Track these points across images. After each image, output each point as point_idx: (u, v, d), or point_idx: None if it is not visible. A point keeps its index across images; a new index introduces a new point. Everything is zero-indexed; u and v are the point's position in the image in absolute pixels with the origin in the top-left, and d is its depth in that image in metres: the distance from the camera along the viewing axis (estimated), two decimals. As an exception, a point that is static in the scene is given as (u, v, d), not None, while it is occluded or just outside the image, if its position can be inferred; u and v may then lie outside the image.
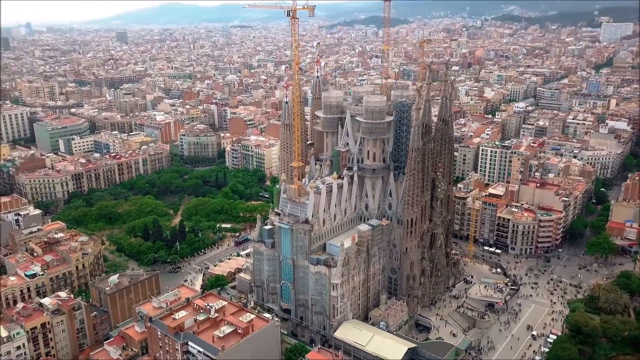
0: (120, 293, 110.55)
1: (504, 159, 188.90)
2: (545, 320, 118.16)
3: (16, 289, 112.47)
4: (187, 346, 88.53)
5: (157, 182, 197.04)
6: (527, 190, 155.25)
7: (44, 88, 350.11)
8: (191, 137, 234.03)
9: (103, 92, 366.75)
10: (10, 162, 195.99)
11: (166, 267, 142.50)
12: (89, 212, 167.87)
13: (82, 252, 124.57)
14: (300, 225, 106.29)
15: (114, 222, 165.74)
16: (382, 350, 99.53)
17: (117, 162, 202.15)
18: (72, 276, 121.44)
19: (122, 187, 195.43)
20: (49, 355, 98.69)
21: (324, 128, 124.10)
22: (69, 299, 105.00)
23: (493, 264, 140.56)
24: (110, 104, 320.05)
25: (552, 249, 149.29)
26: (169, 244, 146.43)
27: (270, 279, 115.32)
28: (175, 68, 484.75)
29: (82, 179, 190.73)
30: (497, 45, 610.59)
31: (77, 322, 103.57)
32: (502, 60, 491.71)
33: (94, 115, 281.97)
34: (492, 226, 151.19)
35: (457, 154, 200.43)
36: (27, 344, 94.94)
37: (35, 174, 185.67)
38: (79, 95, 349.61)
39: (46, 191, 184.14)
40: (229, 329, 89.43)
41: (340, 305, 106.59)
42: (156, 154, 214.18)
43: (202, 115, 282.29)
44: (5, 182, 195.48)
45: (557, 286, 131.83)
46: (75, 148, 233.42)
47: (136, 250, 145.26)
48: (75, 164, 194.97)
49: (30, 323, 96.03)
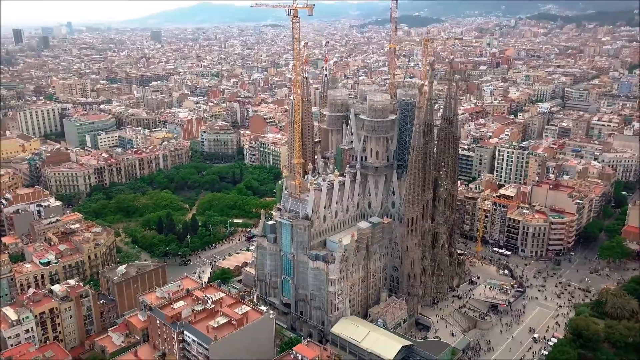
0: (127, 282, 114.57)
1: (521, 160, 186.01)
2: (549, 323, 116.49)
3: (30, 275, 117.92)
4: (182, 335, 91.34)
5: (175, 177, 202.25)
6: (540, 191, 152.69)
7: (76, 85, 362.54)
8: (211, 134, 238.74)
9: (132, 89, 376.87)
10: (37, 156, 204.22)
11: (177, 259, 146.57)
12: (107, 205, 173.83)
13: (94, 242, 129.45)
14: (300, 221, 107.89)
15: (131, 215, 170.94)
16: (376, 347, 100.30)
17: (138, 157, 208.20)
18: (85, 265, 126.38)
19: (142, 181, 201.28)
20: (56, 340, 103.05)
21: (329, 126, 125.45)
22: (77, 286, 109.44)
23: (501, 266, 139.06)
24: (137, 101, 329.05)
25: (564, 252, 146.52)
26: (181, 237, 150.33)
27: (272, 274, 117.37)
28: (204, 66, 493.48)
29: (104, 173, 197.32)
30: (529, 45, 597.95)
31: (85, 309, 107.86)
32: (532, 60, 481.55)
33: (121, 112, 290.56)
34: (502, 227, 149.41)
35: (474, 154, 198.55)
36: (36, 327, 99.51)
37: (59, 167, 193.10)
38: (109, 93, 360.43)
39: (69, 184, 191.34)
40: (223, 320, 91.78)
41: (338, 301, 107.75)
42: (176, 150, 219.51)
43: (224, 113, 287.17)
44: (32, 174, 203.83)
45: (565, 289, 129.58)
46: (101, 143, 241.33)
47: (149, 242, 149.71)
48: (98, 158, 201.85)
49: (39, 308, 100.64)
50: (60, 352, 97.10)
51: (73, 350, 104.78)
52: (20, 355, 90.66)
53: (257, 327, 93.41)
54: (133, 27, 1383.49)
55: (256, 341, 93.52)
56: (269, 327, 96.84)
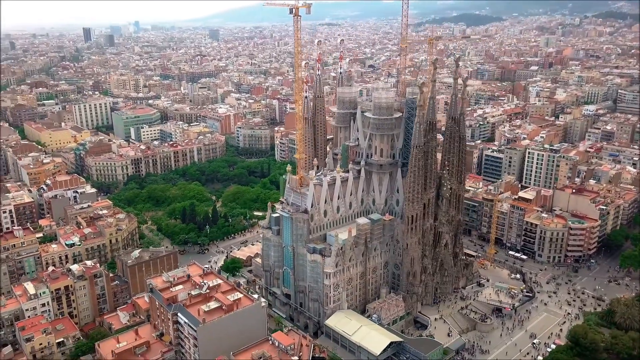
0: (139, 266, 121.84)
1: (551, 163, 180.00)
2: (554, 330, 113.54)
3: (55, 255, 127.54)
4: (176, 316, 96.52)
5: (206, 170, 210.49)
6: (563, 196, 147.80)
7: (129, 81, 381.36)
8: (246, 130, 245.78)
9: (182, 85, 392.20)
10: (82, 146, 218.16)
11: (196, 247, 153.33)
12: (139, 194, 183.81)
13: (116, 227, 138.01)
14: (299, 215, 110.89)
15: (160, 205, 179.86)
16: (365, 341, 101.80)
17: (174, 149, 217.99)
18: (106, 248, 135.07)
19: (175, 173, 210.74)
20: (70, 315, 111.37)
21: (337, 123, 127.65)
22: (93, 267, 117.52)
23: (513, 270, 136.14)
24: (184, 97, 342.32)
25: (584, 259, 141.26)
26: (201, 227, 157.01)
27: (276, 265, 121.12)
28: (254, 64, 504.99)
29: (140, 164, 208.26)
30: (591, 44, 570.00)
31: (98, 288, 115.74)
32: (590, 60, 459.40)
33: (167, 107, 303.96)
34: (519, 231, 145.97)
35: (503, 156, 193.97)
36: (51, 302, 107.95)
37: (100, 158, 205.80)
38: (160, 88, 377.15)
39: (108, 173, 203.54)
40: (215, 305, 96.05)
41: (334, 294, 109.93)
42: (210, 144, 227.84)
43: (263, 110, 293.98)
44: (77, 163, 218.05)
45: (578, 297, 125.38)
46: (144, 136, 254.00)
47: (171, 230, 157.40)
48: (136, 150, 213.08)
49: (55, 284, 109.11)
50: (70, 326, 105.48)
51: (86, 326, 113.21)
52: (32, 326, 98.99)
53: (247, 313, 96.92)
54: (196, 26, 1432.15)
55: (246, 327, 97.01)
56: (260, 314, 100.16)
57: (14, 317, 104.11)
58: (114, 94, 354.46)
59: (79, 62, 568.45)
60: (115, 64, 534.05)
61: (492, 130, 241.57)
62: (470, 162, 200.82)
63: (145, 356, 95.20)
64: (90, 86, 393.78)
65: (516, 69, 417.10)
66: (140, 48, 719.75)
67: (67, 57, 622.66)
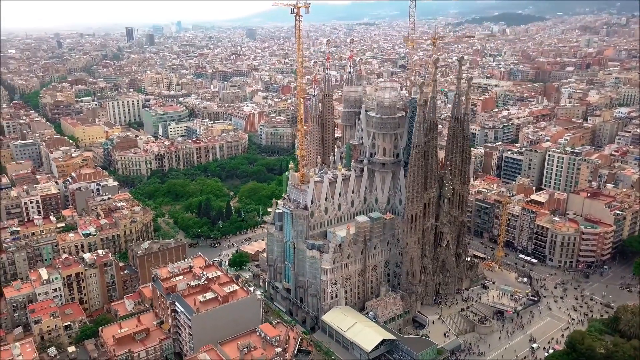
0: (148, 257, 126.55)
1: (572, 166, 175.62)
2: (555, 335, 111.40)
3: (72, 244, 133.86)
4: (174, 305, 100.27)
5: (227, 166, 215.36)
6: (577, 199, 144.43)
7: (163, 79, 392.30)
8: (269, 128, 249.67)
9: (214, 83, 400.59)
10: (110, 141, 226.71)
11: (208, 241, 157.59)
12: (159, 188, 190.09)
13: (131, 219, 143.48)
14: (299, 211, 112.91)
15: (179, 199, 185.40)
16: (358, 337, 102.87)
17: (196, 146, 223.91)
18: (120, 239, 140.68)
19: (197, 168, 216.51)
20: (81, 301, 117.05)
21: (343, 121, 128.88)
22: (104, 256, 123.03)
23: (521, 273, 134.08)
24: (213, 95, 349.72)
25: (598, 264, 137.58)
26: (214, 222, 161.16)
27: (278, 259, 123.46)
28: (286, 64, 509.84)
29: (163, 159, 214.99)
30: (634, 45, 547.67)
31: (108, 276, 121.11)
32: (632, 60, 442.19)
33: (196, 104, 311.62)
34: (530, 234, 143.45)
35: (523, 158, 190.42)
36: (63, 288, 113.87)
37: (126, 152, 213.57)
38: (192, 86, 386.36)
39: (133, 167, 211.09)
40: (211, 296, 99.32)
41: (332, 291, 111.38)
42: (233, 141, 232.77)
43: (288, 109, 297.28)
44: (106, 157, 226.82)
45: (585, 303, 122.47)
46: (171, 132, 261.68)
47: (186, 224, 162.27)
48: (160, 145, 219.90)
49: (66, 271, 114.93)
50: (77, 311, 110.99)
51: (96, 312, 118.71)
52: (42, 309, 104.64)
53: (241, 305, 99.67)
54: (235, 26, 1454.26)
55: (241, 318, 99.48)
56: (256, 306, 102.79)
57: (27, 301, 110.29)
58: (148, 92, 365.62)
59: (119, 61, 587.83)
60: (153, 62, 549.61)
61: (516, 132, 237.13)
62: (489, 163, 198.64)
63: (144, 342, 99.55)
64: (126, 84, 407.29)
65: (551, 69, 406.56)
66: (178, 47, 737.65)
67: (109, 56, 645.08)
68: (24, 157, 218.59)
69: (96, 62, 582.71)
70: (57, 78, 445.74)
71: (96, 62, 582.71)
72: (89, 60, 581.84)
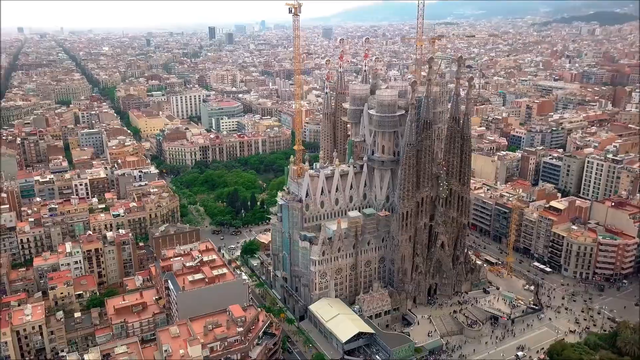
0: (163, 239, 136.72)
1: (612, 174, 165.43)
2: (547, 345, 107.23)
3: (102, 223, 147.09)
4: (167, 283, 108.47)
5: (265, 160, 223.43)
6: (600, 208, 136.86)
7: (227, 76, 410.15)
8: (312, 125, 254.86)
9: (275, 81, 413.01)
10: (162, 133, 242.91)
11: (231, 229, 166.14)
12: (198, 178, 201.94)
13: (157, 204, 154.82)
14: (294, 203, 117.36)
15: (215, 188, 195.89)
16: (336, 328, 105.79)
17: (240, 140, 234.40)
18: (145, 221, 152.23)
19: (238, 161, 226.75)
20: (100, 275, 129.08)
21: (348, 119, 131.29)
22: (124, 235, 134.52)
23: (530, 281, 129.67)
24: (271, 92, 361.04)
25: (617, 278, 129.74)
26: (238, 211, 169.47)
27: (279, 249, 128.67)
28: (353, 63, 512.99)
29: (208, 151, 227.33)
30: None
31: (125, 254, 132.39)
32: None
33: (252, 101, 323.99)
34: (546, 242, 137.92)
35: (561, 164, 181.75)
36: (83, 261, 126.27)
37: (174, 143, 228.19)
38: (254, 84, 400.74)
39: (179, 157, 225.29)
40: (200, 276, 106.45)
41: (320, 282, 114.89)
42: (275, 137, 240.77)
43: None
44: (158, 147, 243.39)
45: (591, 317, 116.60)
46: (223, 126, 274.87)
47: (213, 212, 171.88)
48: (205, 138, 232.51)
49: (87, 246, 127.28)
50: (91, 283, 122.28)
51: (113, 285, 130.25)
52: (58, 278, 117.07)
53: (227, 287, 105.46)
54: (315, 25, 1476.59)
55: (226, 300, 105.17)
56: (241, 290, 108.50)
57: (52, 269, 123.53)
58: (212, 88, 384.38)
59: (196, 59, 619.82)
60: (226, 60, 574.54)
61: (566, 137, 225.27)
62: (526, 168, 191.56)
63: (140, 314, 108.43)
64: (196, 80, 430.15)
65: (630, 72, 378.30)
66: (254, 46, 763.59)
67: (189, 54, 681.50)
68: (88, 144, 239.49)
69: (176, 59, 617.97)
70: (138, 74, 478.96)
71: (176, 59, 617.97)
72: (169, 57, 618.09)
